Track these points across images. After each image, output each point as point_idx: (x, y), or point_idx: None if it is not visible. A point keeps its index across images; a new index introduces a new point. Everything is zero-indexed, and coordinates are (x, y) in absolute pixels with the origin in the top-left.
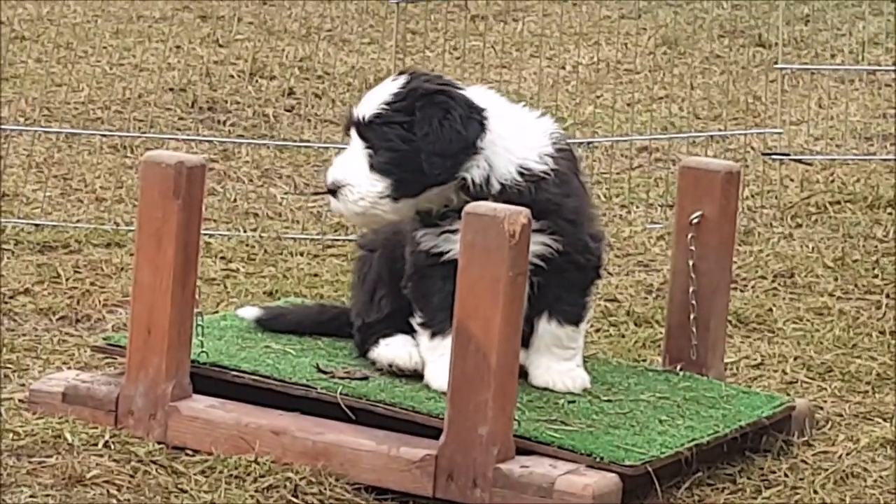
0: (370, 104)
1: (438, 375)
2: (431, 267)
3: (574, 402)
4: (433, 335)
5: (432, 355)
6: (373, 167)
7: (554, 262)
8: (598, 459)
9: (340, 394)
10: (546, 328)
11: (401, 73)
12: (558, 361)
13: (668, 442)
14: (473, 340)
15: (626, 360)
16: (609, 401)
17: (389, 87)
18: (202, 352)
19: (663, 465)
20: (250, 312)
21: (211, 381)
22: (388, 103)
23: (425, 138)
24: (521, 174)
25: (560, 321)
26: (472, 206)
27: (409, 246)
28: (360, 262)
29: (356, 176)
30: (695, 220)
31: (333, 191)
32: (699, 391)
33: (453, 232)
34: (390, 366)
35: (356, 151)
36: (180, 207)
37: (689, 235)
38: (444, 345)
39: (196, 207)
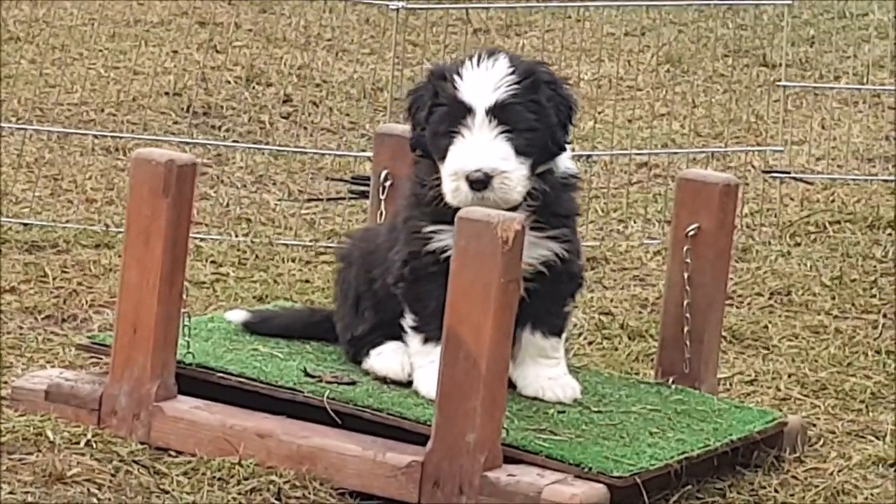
0: (494, 87)
1: (427, 382)
2: (433, 271)
3: (564, 412)
4: (425, 340)
5: (422, 360)
6: (518, 150)
7: (553, 269)
8: (586, 470)
9: (327, 398)
10: (530, 339)
11: (489, 52)
12: (546, 370)
13: (658, 454)
14: (463, 346)
15: (618, 373)
16: (599, 412)
17: (500, 70)
18: (188, 352)
19: (652, 478)
20: (238, 315)
21: (197, 383)
22: (514, 84)
23: (552, 110)
24: (567, 171)
25: (544, 332)
26: (466, 212)
27: (408, 246)
28: (339, 276)
29: (508, 162)
30: (691, 233)
31: (483, 181)
32: (691, 404)
33: None
34: (384, 379)
35: (493, 136)
36: (169, 206)
37: (685, 248)
38: (436, 351)
39: (185, 206)
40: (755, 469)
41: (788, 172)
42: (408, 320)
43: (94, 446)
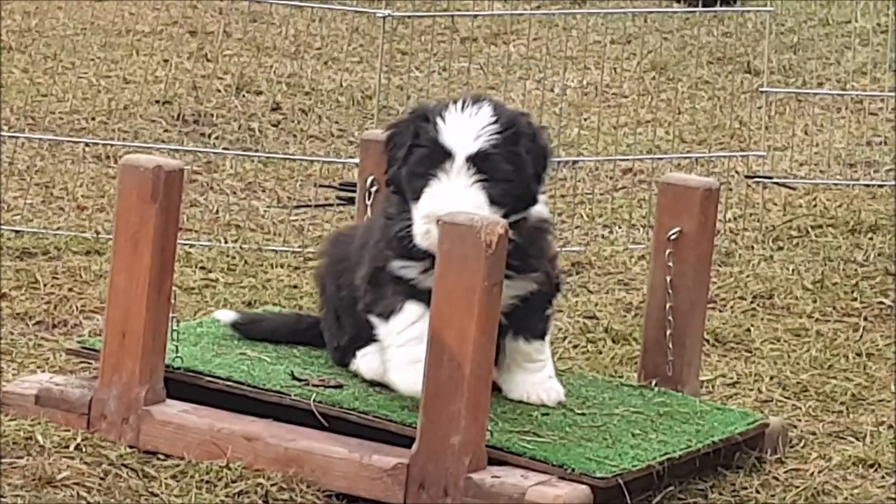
0: (476, 136)
1: (402, 375)
2: (397, 297)
3: (547, 414)
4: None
5: (396, 344)
6: (492, 200)
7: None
8: (569, 471)
9: (314, 401)
10: (514, 346)
11: (474, 99)
12: (531, 375)
13: (640, 455)
14: (447, 350)
15: (602, 376)
16: (583, 414)
17: (483, 118)
18: (177, 357)
19: (635, 479)
20: (227, 316)
21: (185, 387)
22: (496, 133)
23: (530, 162)
24: (540, 216)
25: (527, 338)
26: (449, 216)
27: (372, 280)
28: (319, 289)
29: (481, 210)
30: (673, 237)
31: None
32: (673, 406)
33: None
34: (371, 381)
35: (469, 183)
36: (158, 211)
37: (668, 252)
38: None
39: (174, 212)
40: (737, 470)
41: (771, 177)
42: (373, 317)
43: (84, 450)
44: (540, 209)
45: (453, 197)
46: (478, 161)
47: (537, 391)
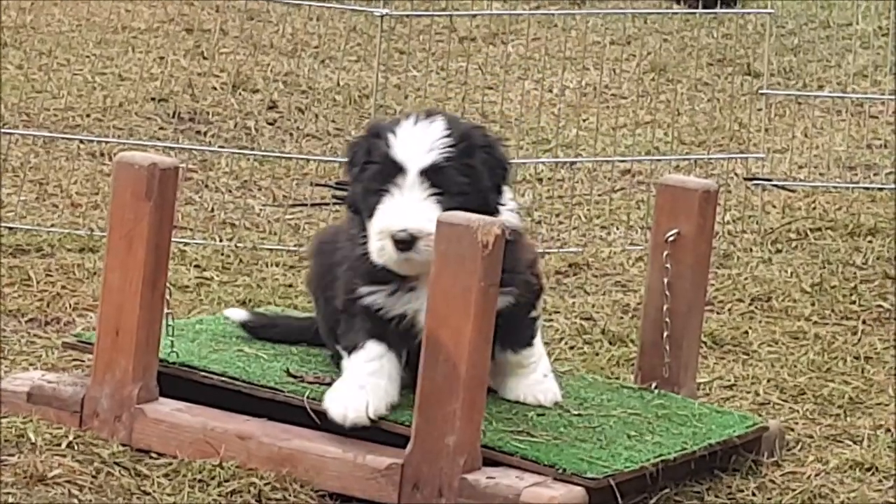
0: (429, 149)
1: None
2: (366, 326)
3: (543, 414)
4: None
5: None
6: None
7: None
8: (560, 471)
9: (308, 398)
10: (503, 356)
11: (427, 113)
12: (525, 377)
13: (634, 457)
14: (443, 350)
15: (601, 377)
16: (579, 415)
17: (436, 131)
18: (172, 351)
19: (628, 480)
20: (238, 314)
21: (181, 386)
22: (449, 147)
23: (486, 174)
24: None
25: (514, 349)
26: (446, 216)
27: (347, 294)
28: (312, 297)
29: (433, 224)
30: (671, 239)
31: (408, 242)
32: (672, 409)
33: (410, 290)
34: None
35: (423, 197)
36: (152, 209)
37: (665, 253)
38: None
39: (168, 209)
40: (733, 473)
41: (770, 180)
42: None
43: (76, 448)
44: (508, 218)
45: (407, 212)
46: (431, 174)
47: (533, 392)
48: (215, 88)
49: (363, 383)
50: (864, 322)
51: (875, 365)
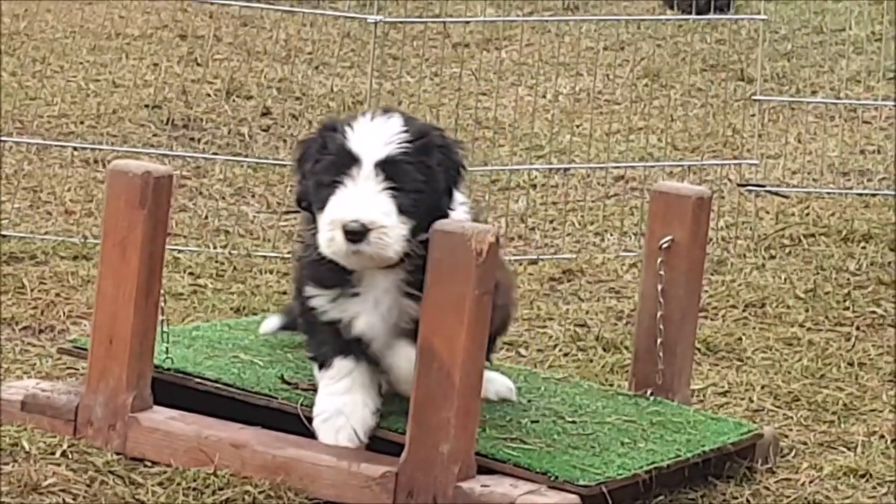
0: (385, 142)
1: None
2: (322, 328)
3: (537, 421)
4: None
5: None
6: (401, 209)
7: None
8: (552, 478)
9: (301, 405)
10: None
11: (385, 110)
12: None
13: (627, 464)
14: (437, 358)
15: (596, 384)
16: (573, 422)
17: (393, 127)
18: (167, 358)
19: (620, 487)
20: (273, 322)
21: (175, 394)
22: (406, 142)
23: (441, 175)
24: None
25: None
26: (440, 224)
27: (298, 296)
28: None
29: (389, 217)
30: (665, 245)
31: (360, 233)
32: (667, 416)
33: (353, 296)
34: None
35: (377, 190)
36: (146, 217)
37: (659, 260)
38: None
39: (162, 217)
40: (727, 480)
41: (764, 186)
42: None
43: (70, 456)
44: (459, 216)
45: (360, 202)
46: (387, 167)
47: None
48: (209, 95)
49: (340, 407)
50: (858, 328)
51: (869, 371)
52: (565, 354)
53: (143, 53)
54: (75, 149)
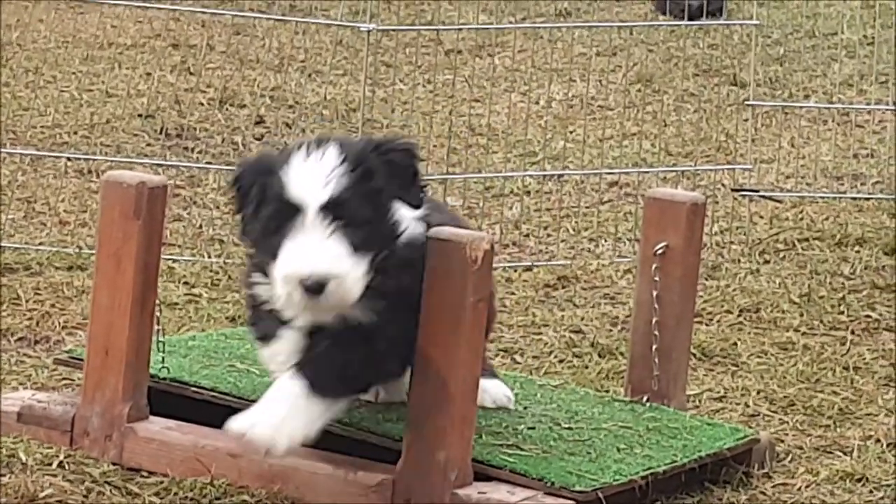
0: (325, 182)
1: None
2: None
3: (533, 428)
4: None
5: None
6: (355, 246)
7: None
8: (548, 484)
9: None
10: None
11: (318, 142)
12: None
13: (623, 469)
14: (433, 365)
15: (592, 390)
16: (570, 428)
17: (330, 161)
18: (163, 367)
19: (616, 493)
20: None
21: (171, 404)
22: (346, 174)
23: (393, 188)
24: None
25: None
26: (435, 231)
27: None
28: None
29: (343, 262)
30: (659, 251)
31: (318, 287)
32: (663, 422)
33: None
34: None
35: (326, 235)
36: (141, 228)
37: (654, 266)
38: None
39: (157, 228)
40: (724, 485)
41: (758, 191)
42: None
43: (67, 467)
44: (412, 231)
45: (312, 254)
46: (332, 208)
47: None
48: (202, 104)
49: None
50: (852, 332)
51: (864, 375)
52: (561, 361)
53: (136, 63)
54: (69, 159)
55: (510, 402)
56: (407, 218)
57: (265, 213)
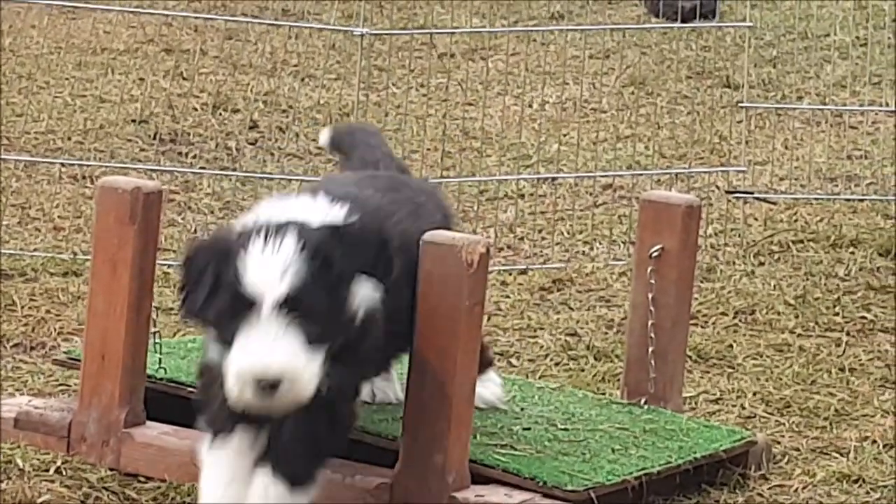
0: (282, 275)
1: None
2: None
3: (529, 428)
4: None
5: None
6: (311, 340)
7: None
8: (541, 483)
9: None
10: None
11: (277, 228)
12: None
13: (617, 470)
14: (430, 369)
15: (590, 393)
16: (565, 429)
17: (287, 251)
18: (160, 367)
19: (609, 493)
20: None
21: (168, 409)
22: (305, 265)
23: (351, 279)
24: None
25: None
26: (430, 235)
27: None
28: None
29: (298, 359)
30: (655, 254)
31: (272, 385)
32: (660, 424)
33: None
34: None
35: (282, 330)
36: (136, 233)
37: (649, 269)
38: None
39: (152, 233)
40: (721, 487)
41: (752, 192)
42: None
43: (64, 473)
44: (366, 294)
45: (267, 351)
46: (288, 303)
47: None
48: (196, 109)
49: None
50: (848, 334)
51: (860, 376)
52: (557, 364)
53: (129, 68)
54: (63, 165)
55: (500, 401)
56: (364, 290)
57: (219, 302)
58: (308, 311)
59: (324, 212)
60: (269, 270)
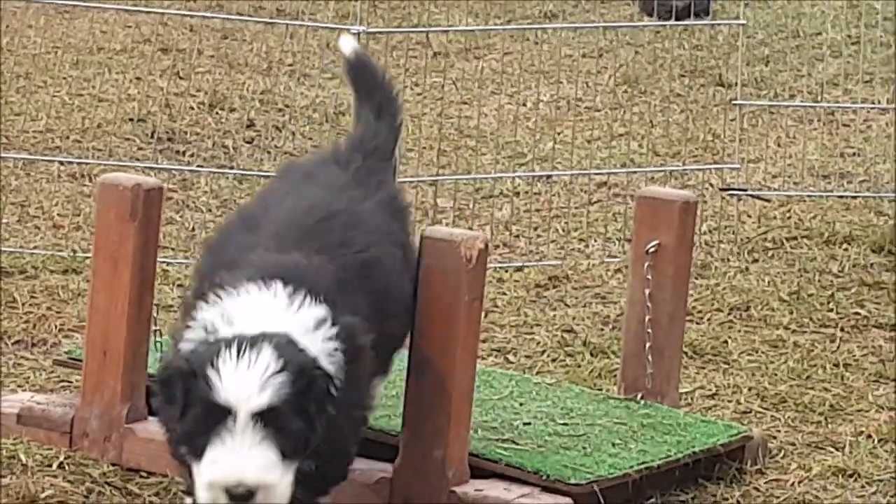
0: (259, 388)
1: None
2: None
3: (529, 423)
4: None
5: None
6: (285, 453)
7: None
8: (544, 477)
9: None
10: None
11: (252, 342)
12: None
13: (618, 464)
14: (430, 365)
15: (588, 388)
16: (565, 424)
17: (263, 365)
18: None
19: (611, 487)
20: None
21: None
22: (280, 379)
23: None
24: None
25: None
26: (430, 231)
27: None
28: None
29: (273, 471)
30: (651, 250)
31: (245, 496)
32: (657, 418)
33: None
34: None
35: (256, 441)
36: (137, 230)
37: (646, 265)
38: None
39: (153, 230)
40: (717, 481)
41: (745, 190)
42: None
43: (67, 468)
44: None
45: (241, 462)
46: (262, 415)
47: None
48: (192, 108)
49: None
50: (842, 329)
51: (854, 372)
52: (553, 360)
53: (126, 67)
54: (62, 163)
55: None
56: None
57: (192, 415)
58: (282, 425)
59: (292, 316)
60: (245, 382)
